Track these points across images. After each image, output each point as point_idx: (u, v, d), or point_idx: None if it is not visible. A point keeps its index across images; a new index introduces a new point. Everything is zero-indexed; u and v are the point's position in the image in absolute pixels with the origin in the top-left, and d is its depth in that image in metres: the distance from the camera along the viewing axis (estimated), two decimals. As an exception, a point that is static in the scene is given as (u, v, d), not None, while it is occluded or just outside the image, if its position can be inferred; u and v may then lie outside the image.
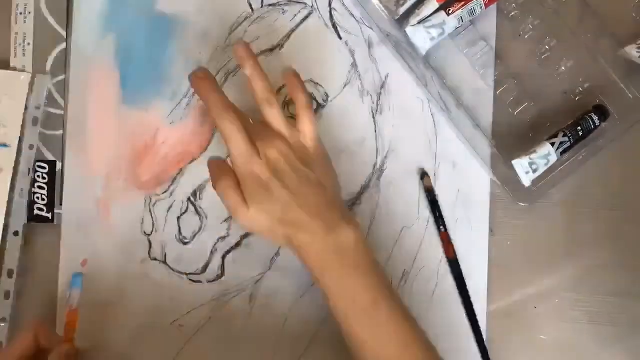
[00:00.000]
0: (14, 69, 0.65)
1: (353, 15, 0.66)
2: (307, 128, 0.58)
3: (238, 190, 0.55)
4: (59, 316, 0.63)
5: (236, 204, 0.55)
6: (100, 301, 0.64)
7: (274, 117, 0.58)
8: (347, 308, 0.54)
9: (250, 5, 0.66)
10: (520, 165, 0.63)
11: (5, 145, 0.63)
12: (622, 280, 0.65)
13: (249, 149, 0.55)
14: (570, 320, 0.65)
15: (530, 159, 0.63)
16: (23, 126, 0.64)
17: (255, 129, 0.57)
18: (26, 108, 0.64)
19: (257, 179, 0.55)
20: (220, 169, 0.57)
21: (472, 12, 0.63)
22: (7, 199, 0.63)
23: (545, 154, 0.63)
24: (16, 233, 0.63)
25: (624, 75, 0.64)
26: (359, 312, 0.54)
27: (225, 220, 0.65)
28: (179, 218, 0.65)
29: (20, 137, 0.64)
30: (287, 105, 0.65)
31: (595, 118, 0.64)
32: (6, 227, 0.63)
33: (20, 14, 0.65)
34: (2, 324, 0.63)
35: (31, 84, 0.64)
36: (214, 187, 0.56)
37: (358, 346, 0.54)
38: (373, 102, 0.66)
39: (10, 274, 0.63)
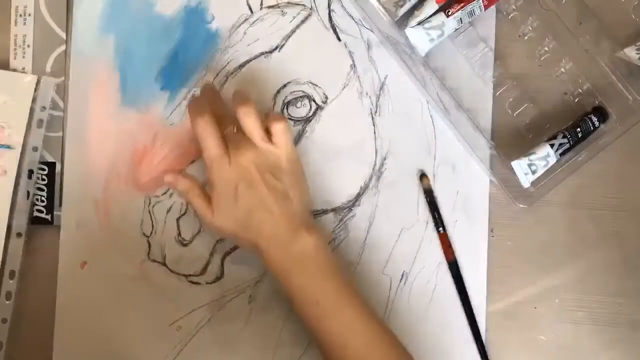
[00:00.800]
0: (14, 71, 0.65)
1: (352, 17, 0.66)
2: (281, 140, 0.59)
3: (205, 198, 0.59)
4: (57, 316, 0.63)
5: (203, 212, 0.59)
6: (99, 302, 0.64)
7: (252, 127, 0.58)
8: (311, 310, 0.56)
9: (250, 6, 0.66)
10: (520, 166, 0.63)
11: (9, 147, 0.63)
12: (622, 281, 0.65)
13: (221, 155, 0.58)
14: (570, 321, 0.65)
15: (530, 160, 0.63)
16: (27, 128, 0.64)
17: (232, 136, 0.59)
18: (31, 110, 0.64)
19: (225, 184, 0.57)
20: (184, 181, 0.60)
21: (471, 13, 0.64)
22: (10, 201, 0.63)
23: (545, 155, 0.63)
24: (19, 235, 0.63)
25: (623, 77, 0.64)
26: (323, 314, 0.56)
27: (224, 222, 0.65)
28: (178, 219, 0.65)
29: (24, 139, 0.64)
30: (286, 106, 0.65)
31: (595, 119, 0.64)
32: (9, 228, 0.63)
33: (20, 16, 0.65)
34: (4, 325, 0.62)
35: (36, 86, 0.64)
36: (183, 196, 0.61)
37: (324, 345, 0.56)
38: (372, 104, 0.66)
39: (12, 275, 0.63)
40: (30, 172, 0.64)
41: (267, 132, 0.59)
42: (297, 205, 0.58)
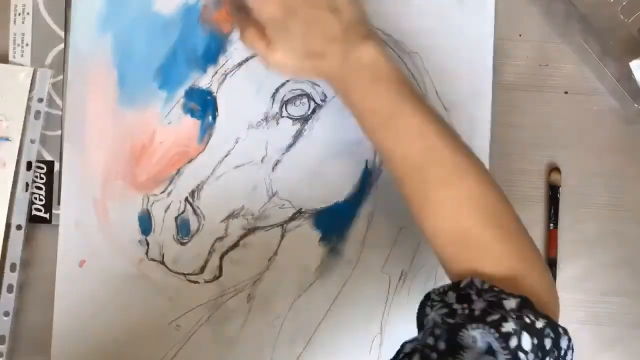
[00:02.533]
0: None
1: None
2: None
3: (262, 37, 0.57)
4: (56, 315, 0.63)
5: (263, 51, 0.57)
6: (98, 301, 0.64)
7: None
8: (369, 121, 0.56)
9: (248, 5, 0.66)
10: (638, 66, 0.61)
11: (7, 139, 0.63)
12: (622, 281, 0.65)
13: None
14: (570, 321, 0.65)
15: None
16: (25, 120, 0.64)
17: None
18: (28, 102, 0.64)
19: (274, 20, 0.56)
20: (243, 22, 0.59)
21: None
22: (9, 193, 0.63)
23: None
24: (19, 227, 0.63)
25: None
26: (379, 123, 0.55)
27: (223, 221, 0.65)
28: (176, 218, 0.65)
29: (22, 131, 0.64)
30: (285, 105, 0.65)
31: None
32: (9, 221, 0.63)
33: (19, 14, 0.65)
34: (6, 318, 0.63)
35: (33, 78, 0.65)
36: (243, 42, 0.59)
37: (385, 155, 0.56)
38: (371, 102, 0.66)
39: (13, 267, 0.63)
40: (29, 164, 0.64)
41: None
42: (349, 16, 0.57)
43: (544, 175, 0.66)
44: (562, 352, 0.48)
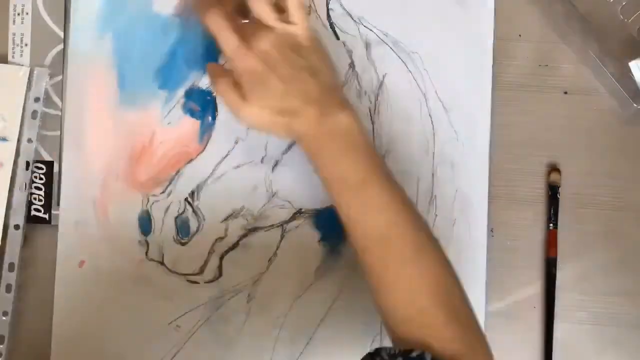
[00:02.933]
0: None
1: (350, 16, 0.66)
2: (297, 17, 0.58)
3: (236, 88, 0.57)
4: (55, 315, 0.63)
5: (236, 103, 0.57)
6: (98, 302, 0.64)
7: (262, 10, 0.57)
8: (337, 188, 0.56)
9: (248, 5, 0.66)
10: (637, 66, 0.61)
11: (4, 140, 0.63)
12: (623, 281, 0.65)
13: (240, 44, 0.56)
14: (570, 320, 0.65)
15: None
16: (22, 120, 0.64)
17: (245, 26, 0.57)
18: (25, 101, 0.64)
19: (251, 73, 0.56)
20: (217, 72, 0.58)
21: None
22: (7, 193, 0.63)
23: None
24: (17, 227, 0.63)
25: None
26: (349, 191, 0.55)
27: (223, 221, 0.65)
28: (176, 218, 0.65)
29: (19, 131, 0.64)
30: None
31: None
32: (7, 221, 0.63)
33: (18, 14, 0.65)
34: (4, 318, 0.63)
35: (30, 78, 0.64)
36: (214, 90, 0.58)
37: (349, 224, 0.56)
38: (371, 103, 0.66)
39: (11, 267, 0.63)
40: (27, 164, 0.64)
41: (281, 12, 0.57)
42: (326, 81, 0.57)
43: (543, 175, 0.66)
44: None
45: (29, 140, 0.64)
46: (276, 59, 0.56)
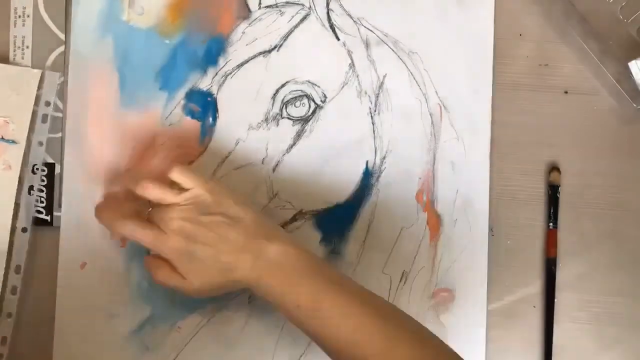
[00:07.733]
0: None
1: (350, 16, 0.66)
2: (189, 182, 0.58)
3: (174, 273, 0.57)
4: (57, 317, 0.64)
5: (179, 285, 0.57)
6: (99, 303, 0.64)
7: (157, 194, 0.58)
8: (295, 314, 0.56)
9: (248, 6, 0.66)
10: (637, 66, 0.61)
11: (13, 142, 0.63)
12: (622, 280, 0.65)
13: (156, 234, 0.57)
14: (570, 320, 0.65)
15: None
16: (32, 123, 0.64)
17: (152, 213, 0.58)
18: (35, 105, 0.64)
19: (178, 252, 0.57)
20: (153, 263, 0.59)
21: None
22: (14, 196, 0.63)
23: None
24: (24, 230, 0.63)
25: None
26: (305, 316, 0.56)
27: (223, 222, 0.65)
28: (177, 220, 0.65)
29: (29, 134, 0.64)
30: (285, 106, 0.65)
31: None
32: (14, 223, 0.63)
33: (19, 16, 0.65)
34: (9, 319, 0.63)
35: (41, 81, 0.64)
36: (155, 282, 0.58)
37: (316, 341, 0.56)
38: (371, 103, 0.66)
39: (17, 270, 0.63)
40: (34, 167, 0.64)
41: (174, 184, 0.59)
42: (248, 222, 0.58)
43: (543, 175, 0.66)
44: None
45: (40, 144, 0.64)
46: (192, 230, 0.56)
